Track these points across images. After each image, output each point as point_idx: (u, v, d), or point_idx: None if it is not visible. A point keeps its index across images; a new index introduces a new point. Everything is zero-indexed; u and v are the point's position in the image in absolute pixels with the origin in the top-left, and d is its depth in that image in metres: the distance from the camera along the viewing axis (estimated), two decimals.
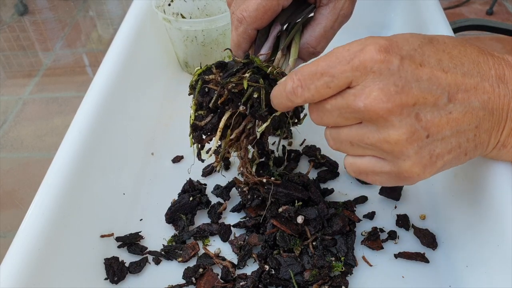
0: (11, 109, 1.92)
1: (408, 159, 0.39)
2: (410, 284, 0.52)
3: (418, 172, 0.40)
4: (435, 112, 0.39)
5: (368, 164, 0.42)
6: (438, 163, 0.40)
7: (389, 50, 0.38)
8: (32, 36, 2.34)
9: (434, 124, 0.39)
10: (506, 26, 0.99)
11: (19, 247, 0.46)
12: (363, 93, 0.38)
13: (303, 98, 0.41)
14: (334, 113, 0.41)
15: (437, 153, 0.40)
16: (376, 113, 0.38)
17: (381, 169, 0.42)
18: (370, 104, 0.38)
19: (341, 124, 0.42)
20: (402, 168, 0.40)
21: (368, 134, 0.40)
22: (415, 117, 0.38)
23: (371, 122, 0.39)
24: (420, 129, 0.38)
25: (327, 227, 0.55)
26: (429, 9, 0.74)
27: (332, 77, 0.39)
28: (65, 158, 0.55)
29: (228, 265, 0.53)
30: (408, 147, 0.39)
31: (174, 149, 0.70)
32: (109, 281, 0.54)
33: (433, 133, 0.39)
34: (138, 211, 0.62)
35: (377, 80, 0.38)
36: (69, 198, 0.52)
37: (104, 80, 0.65)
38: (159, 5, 0.79)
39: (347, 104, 0.39)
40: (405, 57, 0.38)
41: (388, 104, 0.37)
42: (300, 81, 0.41)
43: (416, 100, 0.38)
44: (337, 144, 0.44)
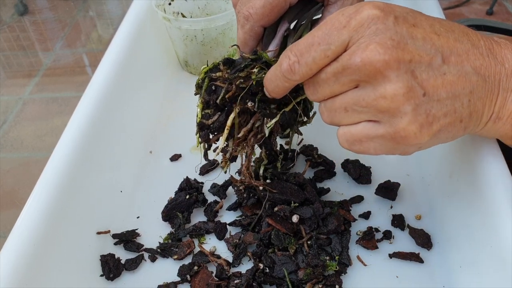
0: (11, 109, 1.92)
1: (405, 116, 0.39)
2: (404, 284, 0.52)
3: (414, 130, 0.39)
4: (430, 72, 0.38)
5: (362, 129, 0.41)
6: (434, 125, 0.39)
7: (384, 8, 0.39)
8: (32, 36, 2.34)
9: (430, 84, 0.38)
10: (506, 26, 0.99)
11: (15, 243, 0.47)
12: (359, 48, 0.38)
13: (301, 73, 0.41)
14: (330, 80, 0.40)
15: (433, 113, 0.39)
16: (373, 66, 0.37)
17: (376, 132, 0.41)
18: (367, 57, 0.37)
19: (336, 92, 0.41)
20: (399, 127, 0.39)
21: (363, 95, 0.39)
22: (411, 74, 0.38)
23: (367, 82, 0.39)
24: (416, 86, 0.38)
25: (322, 226, 0.55)
26: (428, 10, 0.74)
27: (329, 44, 0.39)
28: (62, 155, 0.55)
29: (223, 263, 0.53)
30: (405, 103, 0.38)
31: (173, 148, 0.70)
32: (104, 277, 0.54)
33: (429, 92, 0.38)
34: (135, 208, 0.62)
35: (373, 35, 0.38)
36: (66, 195, 0.53)
37: (103, 78, 0.66)
38: (160, 4, 0.79)
39: (342, 66, 0.39)
40: (398, 16, 0.39)
41: (385, 56, 0.37)
42: (296, 56, 0.40)
43: (412, 56, 0.38)
44: (331, 114, 0.43)
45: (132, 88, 0.71)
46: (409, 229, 0.57)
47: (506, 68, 0.41)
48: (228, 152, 0.51)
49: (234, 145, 0.50)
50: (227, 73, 0.49)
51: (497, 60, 0.41)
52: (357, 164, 0.63)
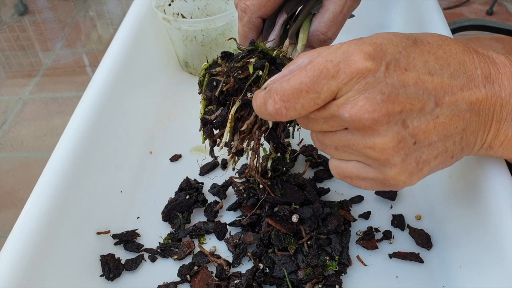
0: (11, 109, 1.92)
1: (394, 167, 0.39)
2: (404, 284, 0.52)
3: (404, 179, 0.39)
4: (422, 118, 0.38)
5: (352, 169, 0.42)
6: (424, 170, 0.40)
7: (374, 57, 0.37)
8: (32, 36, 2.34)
9: (421, 130, 0.38)
10: (506, 26, 0.99)
11: (15, 243, 0.47)
12: (348, 102, 0.37)
13: (289, 116, 0.40)
14: (319, 122, 0.41)
15: (423, 159, 0.39)
16: (362, 123, 0.37)
17: (366, 174, 0.41)
18: (355, 114, 0.37)
19: (326, 130, 0.41)
20: (388, 176, 0.39)
21: (353, 140, 0.39)
22: (401, 124, 0.37)
23: (357, 130, 0.39)
24: (407, 136, 0.38)
25: (322, 226, 0.55)
26: (427, 9, 0.74)
27: (318, 93, 0.38)
28: (62, 155, 0.55)
29: (223, 263, 0.53)
30: (395, 155, 0.38)
31: (173, 148, 0.70)
32: (104, 277, 0.54)
33: (420, 140, 0.38)
34: (135, 208, 0.62)
35: (362, 90, 0.37)
36: (66, 195, 0.53)
37: (103, 78, 0.66)
38: (159, 5, 0.79)
39: (331, 115, 0.39)
40: (390, 62, 0.37)
41: (374, 114, 0.37)
42: (283, 101, 0.39)
43: (402, 107, 0.37)
44: (322, 148, 0.43)
45: (132, 88, 0.71)
46: (409, 229, 0.57)
47: (502, 97, 0.40)
48: (234, 147, 0.51)
49: (239, 139, 0.50)
50: (226, 66, 0.49)
51: (494, 89, 0.40)
52: None
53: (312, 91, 0.38)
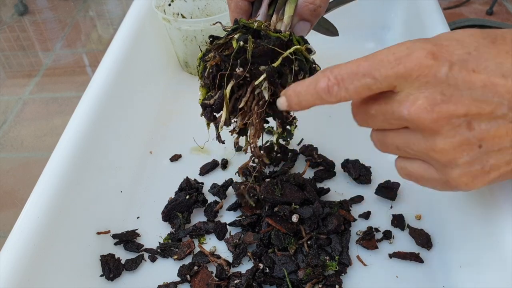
0: (11, 109, 1.92)
1: (457, 168, 0.37)
2: (404, 284, 0.52)
3: (466, 181, 0.38)
4: (492, 122, 0.36)
5: (418, 169, 0.40)
6: (492, 175, 0.38)
7: (438, 56, 0.36)
8: (32, 36, 2.34)
9: (490, 134, 0.36)
10: (506, 26, 0.99)
11: (15, 243, 0.47)
12: (407, 100, 0.36)
13: (339, 97, 0.39)
14: (379, 118, 0.39)
15: (491, 164, 0.37)
16: (421, 122, 0.36)
17: (430, 176, 0.40)
18: (414, 112, 0.36)
19: (386, 128, 0.40)
20: (450, 177, 0.38)
21: (414, 140, 0.38)
22: (466, 126, 0.36)
23: (417, 130, 0.37)
24: (471, 138, 0.36)
25: (322, 226, 0.55)
26: (427, 9, 0.74)
27: (375, 79, 0.37)
28: (62, 155, 0.55)
29: (223, 263, 0.53)
30: (456, 157, 0.36)
31: (173, 148, 0.70)
32: (104, 277, 0.54)
33: (487, 144, 0.36)
34: (135, 208, 0.62)
35: (423, 88, 0.36)
36: (66, 195, 0.53)
37: (103, 78, 0.66)
38: (159, 5, 0.79)
39: (392, 111, 0.38)
40: (455, 63, 0.35)
41: (433, 114, 0.35)
42: (337, 80, 0.38)
43: (467, 109, 0.35)
44: (383, 148, 0.42)
45: (132, 88, 0.71)
46: (409, 229, 0.57)
47: None
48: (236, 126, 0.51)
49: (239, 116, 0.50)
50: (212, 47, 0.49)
51: None
52: (357, 164, 0.63)
53: (369, 75, 0.37)
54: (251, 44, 0.47)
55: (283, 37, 0.48)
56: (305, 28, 0.52)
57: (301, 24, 0.52)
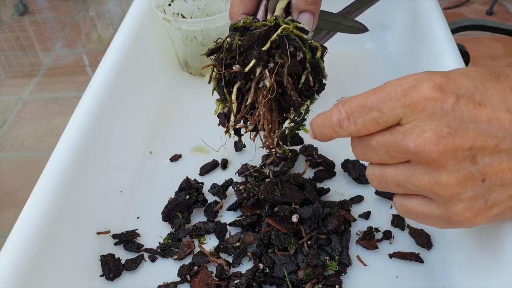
0: (11, 109, 1.92)
1: (460, 203, 0.37)
2: (404, 284, 0.52)
3: (469, 216, 0.37)
4: (496, 156, 0.35)
5: (418, 206, 0.40)
6: (494, 210, 0.37)
7: (445, 88, 0.35)
8: (32, 36, 2.34)
9: (494, 169, 0.36)
10: (506, 26, 0.99)
11: (15, 243, 0.47)
12: (413, 132, 0.36)
13: (349, 131, 0.39)
14: (380, 150, 0.39)
15: (493, 198, 0.36)
16: (426, 155, 0.35)
17: (431, 212, 0.39)
18: (420, 145, 0.35)
19: (386, 162, 0.39)
20: (452, 212, 0.37)
21: (416, 175, 0.38)
22: (470, 160, 0.35)
23: (421, 164, 0.37)
24: (475, 173, 0.35)
25: (322, 226, 0.55)
26: (427, 9, 0.74)
27: (381, 112, 0.37)
28: (62, 155, 0.55)
29: (223, 263, 0.53)
30: (461, 191, 0.36)
31: (173, 148, 0.70)
32: (104, 277, 0.54)
33: (490, 178, 0.36)
34: (135, 208, 0.62)
35: (429, 120, 0.35)
36: (66, 195, 0.53)
37: (103, 78, 0.66)
38: (159, 5, 0.79)
39: (396, 142, 0.37)
40: (462, 96, 0.35)
41: (439, 146, 0.35)
42: (347, 113, 0.39)
43: (472, 143, 0.35)
44: (381, 185, 0.41)
45: (132, 88, 0.71)
46: (409, 229, 0.57)
47: None
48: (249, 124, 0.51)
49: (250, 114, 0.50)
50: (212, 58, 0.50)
51: None
52: (357, 164, 0.63)
53: (375, 109, 0.37)
54: (237, 38, 0.47)
55: (269, 23, 0.48)
56: (307, 19, 0.51)
57: (302, 16, 0.51)
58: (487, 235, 0.46)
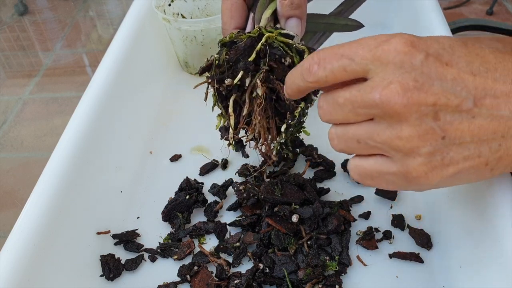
0: (11, 109, 1.92)
1: (418, 157, 0.37)
2: (404, 284, 0.52)
3: (425, 171, 0.38)
4: (456, 115, 0.37)
5: (374, 165, 0.40)
6: (450, 169, 0.38)
7: (416, 45, 0.37)
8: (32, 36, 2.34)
9: (454, 127, 0.37)
10: (506, 26, 0.99)
11: (15, 243, 0.47)
12: (380, 84, 0.37)
13: (317, 77, 0.40)
14: (346, 107, 0.39)
15: (450, 157, 0.37)
16: (391, 106, 0.36)
17: (388, 169, 0.39)
18: (386, 96, 0.36)
19: (350, 121, 0.40)
20: (410, 167, 0.38)
21: (379, 131, 0.38)
22: (433, 116, 0.36)
23: (384, 118, 0.37)
24: (436, 128, 0.37)
25: (322, 226, 0.55)
26: (427, 9, 0.74)
27: (351, 60, 0.38)
28: (62, 155, 0.55)
29: (223, 263, 0.53)
30: (420, 145, 0.37)
31: (173, 148, 0.70)
32: (104, 277, 0.54)
33: (450, 136, 0.37)
34: (135, 208, 0.62)
35: (397, 73, 0.36)
36: (66, 195, 0.53)
37: (103, 78, 0.66)
38: (159, 5, 0.79)
39: (362, 97, 0.38)
40: (431, 54, 0.37)
41: (404, 98, 0.36)
42: (319, 59, 0.39)
43: (436, 99, 0.36)
44: (341, 144, 0.42)
45: (132, 88, 0.71)
46: (409, 229, 0.57)
47: None
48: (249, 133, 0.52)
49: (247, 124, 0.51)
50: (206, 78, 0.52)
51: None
52: None
53: (346, 56, 0.38)
54: (223, 53, 0.48)
55: (253, 34, 0.49)
56: (294, 25, 0.52)
57: (289, 22, 0.51)
58: (487, 235, 0.46)
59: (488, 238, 0.46)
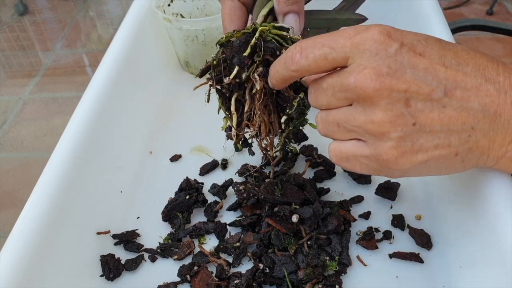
0: (11, 109, 1.92)
1: (389, 141, 0.39)
2: (404, 284, 0.52)
3: (396, 155, 0.39)
4: (427, 104, 0.38)
5: (350, 148, 0.42)
6: (419, 156, 0.40)
7: (391, 35, 0.39)
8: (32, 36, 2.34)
9: (424, 115, 0.38)
10: (506, 26, 0.99)
11: (15, 243, 0.47)
12: (356, 69, 0.39)
13: (299, 65, 0.41)
14: (328, 91, 0.41)
15: (420, 143, 0.39)
16: (363, 90, 0.38)
17: (362, 152, 0.41)
18: (359, 80, 0.38)
19: (332, 106, 0.42)
20: (381, 150, 0.40)
21: (355, 114, 0.40)
22: (404, 102, 0.38)
23: (359, 102, 0.40)
24: (407, 115, 0.38)
25: (322, 226, 0.55)
26: (427, 9, 0.74)
27: (332, 49, 0.40)
28: (62, 155, 0.55)
29: (223, 263, 0.53)
30: (391, 130, 0.39)
31: (173, 148, 0.70)
32: (104, 277, 0.54)
33: (421, 123, 0.38)
34: (135, 209, 0.62)
35: (372, 60, 0.38)
36: (66, 195, 0.53)
37: (103, 78, 0.66)
38: (159, 5, 0.79)
39: (341, 82, 0.40)
40: (406, 44, 0.39)
41: (376, 83, 0.38)
42: (301, 49, 0.41)
43: (408, 86, 0.38)
44: (324, 127, 0.44)
45: (132, 88, 0.71)
46: (409, 229, 0.57)
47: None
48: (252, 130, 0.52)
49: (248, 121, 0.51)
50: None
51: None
52: None
53: (327, 45, 0.40)
54: (220, 52, 0.49)
55: (247, 30, 0.49)
56: (292, 20, 0.52)
57: (287, 18, 0.52)
58: (487, 235, 0.46)
59: (488, 238, 0.46)
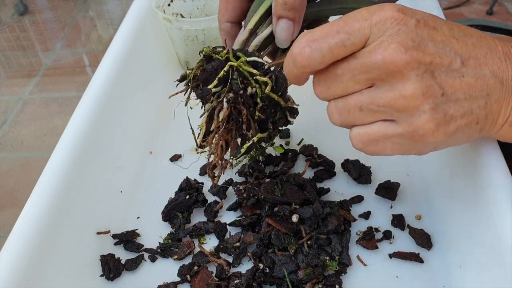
0: (11, 109, 1.92)
1: (424, 114, 0.38)
2: (404, 284, 0.52)
3: (432, 128, 0.39)
4: (449, 74, 0.39)
5: (379, 129, 0.41)
6: (451, 125, 0.40)
7: (406, 12, 0.39)
8: (32, 36, 2.34)
9: (448, 85, 0.39)
10: (506, 26, 0.99)
11: (15, 243, 0.47)
12: (380, 47, 0.38)
13: (312, 59, 0.40)
14: (345, 77, 0.40)
15: (450, 113, 0.39)
16: (394, 64, 0.37)
17: (394, 131, 0.40)
18: (389, 55, 0.37)
19: (350, 91, 0.41)
20: (417, 125, 0.39)
21: (381, 94, 0.39)
22: (431, 74, 0.38)
23: (385, 81, 0.39)
24: (435, 86, 0.38)
25: (322, 226, 0.55)
26: (427, 10, 0.74)
27: (349, 34, 0.39)
28: (62, 155, 0.55)
29: (223, 263, 0.53)
30: (424, 102, 0.38)
31: (173, 148, 0.70)
32: (104, 277, 0.54)
33: (447, 93, 0.39)
34: (135, 208, 0.62)
35: (395, 35, 0.38)
36: (66, 195, 0.53)
37: (103, 78, 0.66)
38: (159, 5, 0.79)
39: (362, 63, 0.39)
40: (419, 19, 0.39)
41: (406, 55, 0.37)
42: (309, 41, 0.39)
43: (432, 58, 0.38)
44: (343, 115, 0.42)
45: (132, 88, 0.71)
46: (409, 229, 0.57)
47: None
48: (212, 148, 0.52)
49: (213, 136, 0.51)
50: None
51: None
52: (357, 164, 0.63)
53: (343, 31, 0.39)
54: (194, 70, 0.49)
55: (220, 57, 0.48)
56: (284, 27, 0.47)
57: (280, 23, 0.47)
58: (487, 235, 0.46)
59: (488, 238, 0.46)
